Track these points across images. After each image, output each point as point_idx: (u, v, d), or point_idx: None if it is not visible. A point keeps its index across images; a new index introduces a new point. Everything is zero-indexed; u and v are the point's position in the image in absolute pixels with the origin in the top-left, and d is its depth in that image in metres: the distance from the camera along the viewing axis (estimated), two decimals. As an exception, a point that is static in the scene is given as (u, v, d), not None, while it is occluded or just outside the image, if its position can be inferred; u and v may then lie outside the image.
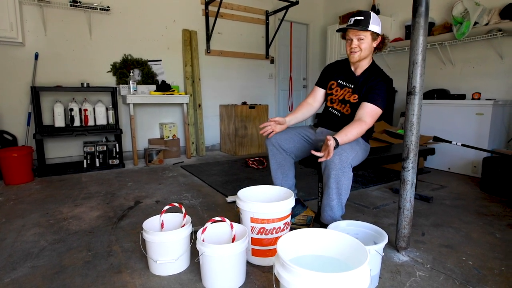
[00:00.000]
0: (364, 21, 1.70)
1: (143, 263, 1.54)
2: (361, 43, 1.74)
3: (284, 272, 0.93)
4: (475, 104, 3.17)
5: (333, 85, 1.95)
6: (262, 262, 1.51)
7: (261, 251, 1.50)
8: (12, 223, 2.03)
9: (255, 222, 1.47)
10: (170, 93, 3.92)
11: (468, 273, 1.46)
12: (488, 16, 3.31)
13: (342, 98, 1.90)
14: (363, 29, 1.70)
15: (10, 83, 3.33)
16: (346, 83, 1.90)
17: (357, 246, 1.03)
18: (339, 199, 1.61)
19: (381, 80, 1.77)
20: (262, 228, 1.47)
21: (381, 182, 2.96)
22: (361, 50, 1.75)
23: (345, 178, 1.57)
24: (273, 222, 1.46)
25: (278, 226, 1.48)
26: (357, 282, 0.89)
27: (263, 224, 1.46)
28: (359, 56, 1.78)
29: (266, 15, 4.97)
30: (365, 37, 1.73)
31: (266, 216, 1.45)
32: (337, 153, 1.56)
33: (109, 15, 3.75)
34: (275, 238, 1.49)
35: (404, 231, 1.59)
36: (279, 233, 1.49)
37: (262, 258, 1.51)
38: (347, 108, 1.88)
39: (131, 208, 2.31)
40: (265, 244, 1.49)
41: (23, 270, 1.49)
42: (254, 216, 1.46)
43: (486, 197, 2.56)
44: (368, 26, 1.70)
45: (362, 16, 1.70)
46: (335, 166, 1.55)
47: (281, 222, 1.48)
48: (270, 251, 1.50)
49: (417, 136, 1.51)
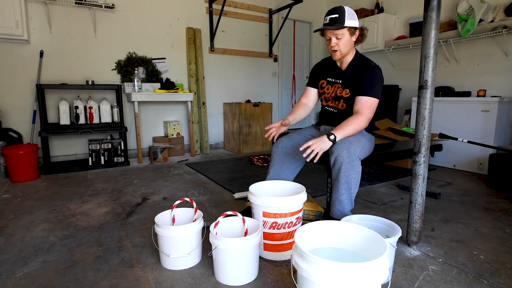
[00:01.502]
0: (340, 18, 1.68)
1: (154, 257, 1.54)
2: (339, 41, 1.73)
3: (303, 262, 0.93)
4: (480, 101, 3.16)
5: (323, 83, 1.97)
6: (274, 256, 1.51)
7: (273, 245, 1.49)
8: (21, 219, 2.03)
9: (267, 217, 1.47)
10: (175, 91, 3.92)
11: (481, 267, 1.46)
12: (493, 13, 3.31)
13: (334, 95, 1.91)
14: (339, 27, 1.69)
15: (15, 80, 3.33)
16: (335, 80, 1.91)
17: (375, 238, 1.03)
18: (349, 193, 1.61)
19: (368, 70, 1.76)
20: (274, 223, 1.47)
21: (387, 179, 2.96)
22: (339, 48, 1.75)
23: (354, 171, 1.58)
24: (285, 216, 1.46)
25: (290, 221, 1.48)
26: (376, 273, 0.89)
27: (275, 218, 1.46)
28: (340, 54, 1.78)
29: (270, 13, 4.97)
30: (343, 34, 1.72)
31: (278, 210, 1.45)
32: (345, 147, 1.57)
33: (113, 12, 3.75)
34: (287, 233, 1.49)
35: (416, 226, 1.58)
36: (291, 228, 1.49)
37: (274, 253, 1.51)
38: (342, 103, 1.88)
39: (138, 204, 2.31)
40: (277, 239, 1.48)
41: (34, 264, 1.48)
42: (267, 211, 1.46)
43: (493, 193, 2.56)
44: (344, 22, 1.68)
45: (337, 14, 1.69)
46: (344, 160, 1.55)
47: (293, 217, 1.48)
48: (282, 245, 1.50)
49: (429, 130, 1.51)
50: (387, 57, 4.48)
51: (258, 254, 1.38)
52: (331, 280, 0.87)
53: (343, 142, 1.61)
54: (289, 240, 1.50)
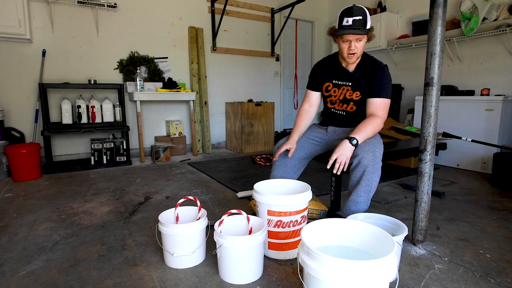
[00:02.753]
0: (362, 20, 1.59)
1: (158, 256, 1.53)
2: (358, 45, 1.65)
3: (310, 260, 0.92)
4: (484, 100, 3.15)
5: (329, 86, 1.86)
6: (278, 255, 1.50)
7: (278, 244, 1.48)
8: (24, 218, 2.02)
9: (272, 215, 1.46)
10: (177, 91, 3.91)
11: (487, 265, 1.44)
12: (497, 12, 3.29)
13: (342, 98, 1.83)
14: (364, 32, 1.60)
15: (18, 80, 3.33)
16: (343, 82, 1.81)
17: (382, 236, 1.02)
18: (368, 196, 1.58)
19: (379, 70, 1.71)
20: (279, 221, 1.46)
21: (390, 178, 2.95)
22: (358, 51, 1.68)
23: (376, 175, 1.56)
24: (290, 215, 1.45)
25: (295, 219, 1.46)
26: (384, 271, 0.88)
27: (280, 217, 1.45)
28: (357, 57, 1.70)
29: (272, 12, 4.95)
30: (363, 37, 1.65)
31: (283, 208, 1.44)
32: (370, 150, 1.54)
33: (116, 12, 3.74)
34: (291, 232, 1.48)
35: (421, 224, 1.57)
36: (296, 227, 1.48)
37: (278, 252, 1.50)
38: (351, 106, 1.82)
39: (141, 203, 2.30)
40: (282, 238, 1.47)
41: (38, 263, 1.48)
42: (271, 209, 1.45)
43: (497, 193, 2.54)
44: (366, 25, 1.60)
45: (360, 16, 1.58)
46: (370, 163, 1.52)
47: (298, 215, 1.47)
48: (287, 244, 1.49)
49: (435, 128, 1.50)
50: (389, 56, 4.46)
51: (263, 252, 1.37)
52: (339, 278, 0.86)
53: (368, 144, 1.57)
54: (294, 239, 1.49)
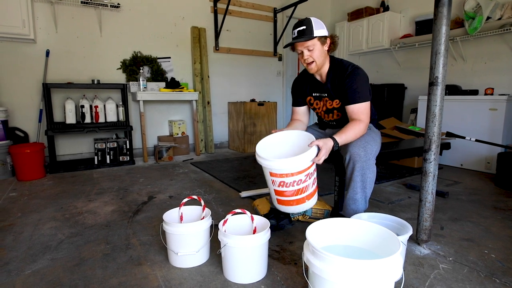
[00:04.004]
0: (308, 29, 1.61)
1: (162, 255, 1.54)
2: (312, 53, 1.65)
3: (315, 259, 0.92)
4: (488, 100, 3.13)
5: (311, 100, 1.89)
6: (287, 210, 1.54)
7: (285, 201, 1.51)
8: (28, 217, 2.03)
9: (274, 176, 1.47)
10: (180, 90, 3.92)
11: (492, 265, 1.44)
12: (501, 11, 3.28)
13: (325, 108, 1.85)
14: (309, 38, 1.61)
15: (22, 80, 3.35)
16: (320, 94, 1.84)
17: (388, 235, 1.02)
18: (364, 192, 1.59)
19: (347, 76, 1.67)
20: (282, 182, 1.47)
21: (393, 178, 2.94)
22: (314, 59, 1.67)
23: (370, 171, 1.56)
24: (292, 176, 1.44)
25: (299, 179, 1.46)
26: (390, 271, 0.88)
27: (282, 178, 1.46)
28: (316, 66, 1.69)
29: (274, 12, 4.95)
30: (314, 45, 1.63)
31: (284, 171, 1.44)
32: (361, 146, 1.54)
33: (119, 12, 3.75)
34: (297, 190, 1.47)
35: (426, 224, 1.57)
36: (300, 185, 1.47)
37: (286, 207, 1.53)
38: (336, 114, 1.83)
39: (145, 203, 2.31)
40: (287, 195, 1.49)
41: (43, 262, 1.48)
42: (273, 171, 1.46)
43: (502, 193, 2.53)
44: (312, 33, 1.60)
45: (304, 26, 1.61)
46: (361, 158, 1.53)
47: (302, 174, 1.45)
48: (294, 201, 1.51)
49: (439, 127, 1.49)
50: (392, 56, 4.45)
51: (267, 252, 1.37)
52: (345, 277, 0.86)
53: (359, 140, 1.58)
54: (301, 195, 1.49)
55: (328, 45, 1.69)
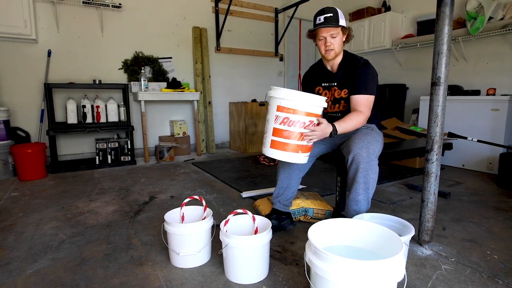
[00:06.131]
0: (334, 17, 1.66)
1: (163, 255, 1.53)
2: (334, 40, 1.70)
3: (317, 260, 0.92)
4: (490, 100, 3.12)
5: (320, 90, 1.92)
6: (279, 155, 1.48)
7: (280, 143, 1.47)
8: (29, 217, 2.04)
9: (281, 111, 1.45)
10: (181, 90, 3.92)
11: (495, 266, 1.43)
12: (503, 11, 3.27)
13: (333, 98, 1.87)
14: (336, 26, 1.66)
15: (24, 80, 3.36)
16: (330, 83, 1.87)
17: (390, 236, 1.01)
18: (366, 193, 1.58)
19: (359, 67, 1.73)
20: (286, 118, 1.44)
21: (395, 179, 2.93)
22: (335, 47, 1.72)
23: (373, 171, 1.55)
24: (298, 114, 1.43)
25: (303, 121, 1.44)
26: (392, 271, 0.87)
27: (288, 114, 1.43)
28: (335, 53, 1.74)
29: (276, 12, 4.95)
30: (338, 33, 1.70)
31: (293, 105, 1.42)
32: (364, 146, 1.54)
33: (120, 12, 3.76)
34: (296, 133, 1.45)
35: (428, 224, 1.56)
36: (301, 129, 1.45)
37: (279, 151, 1.48)
38: (343, 104, 1.84)
39: (146, 203, 2.31)
40: (285, 136, 1.46)
41: (44, 262, 1.48)
42: (281, 104, 1.44)
43: (504, 193, 2.52)
44: (338, 21, 1.66)
45: (331, 13, 1.66)
46: (363, 159, 1.53)
47: (307, 118, 1.44)
48: (288, 145, 1.47)
49: (442, 127, 1.49)
50: (394, 56, 4.44)
51: (268, 252, 1.37)
52: (347, 278, 0.86)
53: (362, 141, 1.58)
54: (298, 142, 1.47)
55: (345, 36, 1.76)
